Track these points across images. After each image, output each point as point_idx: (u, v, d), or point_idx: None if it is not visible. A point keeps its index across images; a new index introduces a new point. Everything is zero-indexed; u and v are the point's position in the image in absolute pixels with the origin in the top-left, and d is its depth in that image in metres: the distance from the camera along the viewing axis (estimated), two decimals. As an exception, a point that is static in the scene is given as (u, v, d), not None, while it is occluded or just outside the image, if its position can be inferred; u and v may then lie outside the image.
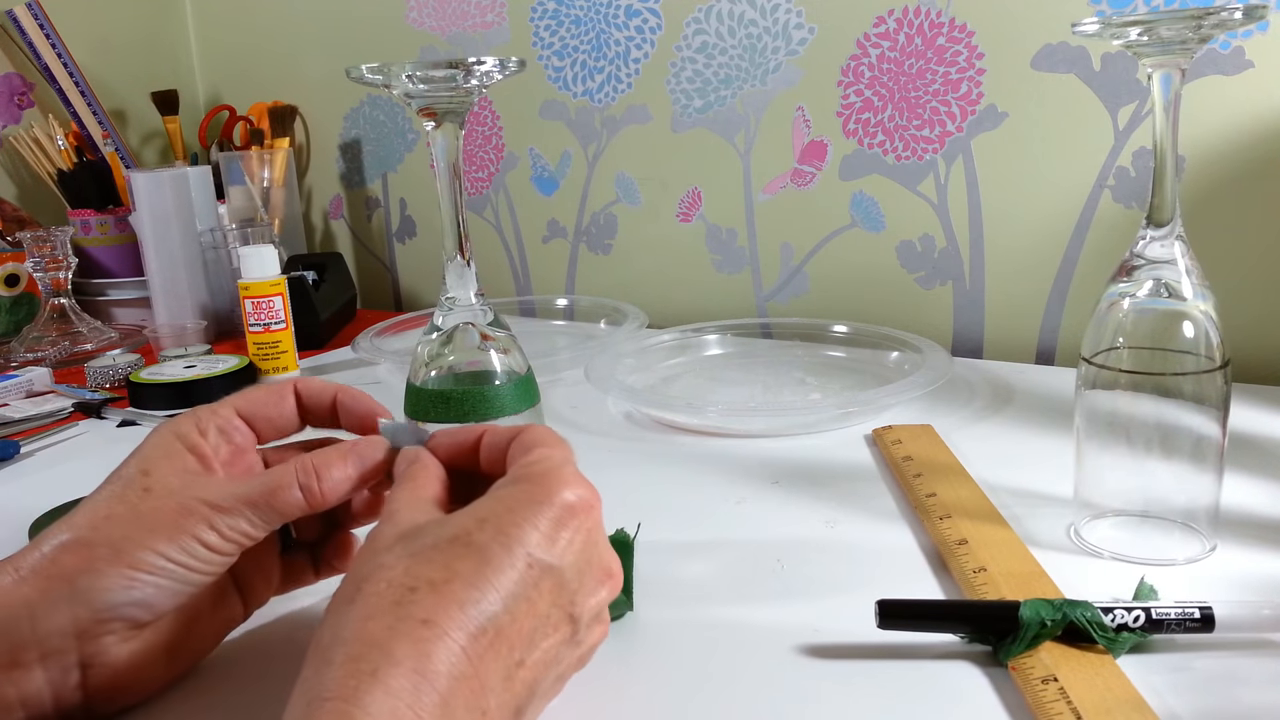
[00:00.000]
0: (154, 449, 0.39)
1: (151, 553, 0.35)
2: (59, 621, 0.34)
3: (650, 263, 1.08)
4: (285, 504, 0.38)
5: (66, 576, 0.34)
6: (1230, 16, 0.41)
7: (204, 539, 0.36)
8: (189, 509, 0.36)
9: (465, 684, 0.29)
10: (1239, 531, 0.49)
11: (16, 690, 0.34)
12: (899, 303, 0.93)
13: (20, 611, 0.34)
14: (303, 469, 0.38)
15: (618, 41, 1.03)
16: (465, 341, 0.46)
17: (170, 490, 0.37)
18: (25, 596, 0.34)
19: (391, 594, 0.30)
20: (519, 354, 0.47)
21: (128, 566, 0.35)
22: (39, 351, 0.99)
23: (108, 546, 0.35)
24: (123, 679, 0.36)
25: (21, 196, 1.26)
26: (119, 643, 0.35)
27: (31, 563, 0.35)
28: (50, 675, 0.34)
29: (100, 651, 0.35)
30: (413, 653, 0.29)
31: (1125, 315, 0.46)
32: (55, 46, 1.21)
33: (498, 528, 0.32)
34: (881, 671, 0.40)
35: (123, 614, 0.35)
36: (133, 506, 0.36)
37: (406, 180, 1.26)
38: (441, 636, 0.29)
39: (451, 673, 0.29)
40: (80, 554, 0.35)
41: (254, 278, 0.87)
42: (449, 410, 0.44)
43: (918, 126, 0.88)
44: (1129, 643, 0.39)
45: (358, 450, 0.39)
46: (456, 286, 0.46)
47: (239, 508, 0.37)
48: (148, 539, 0.35)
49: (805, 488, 0.59)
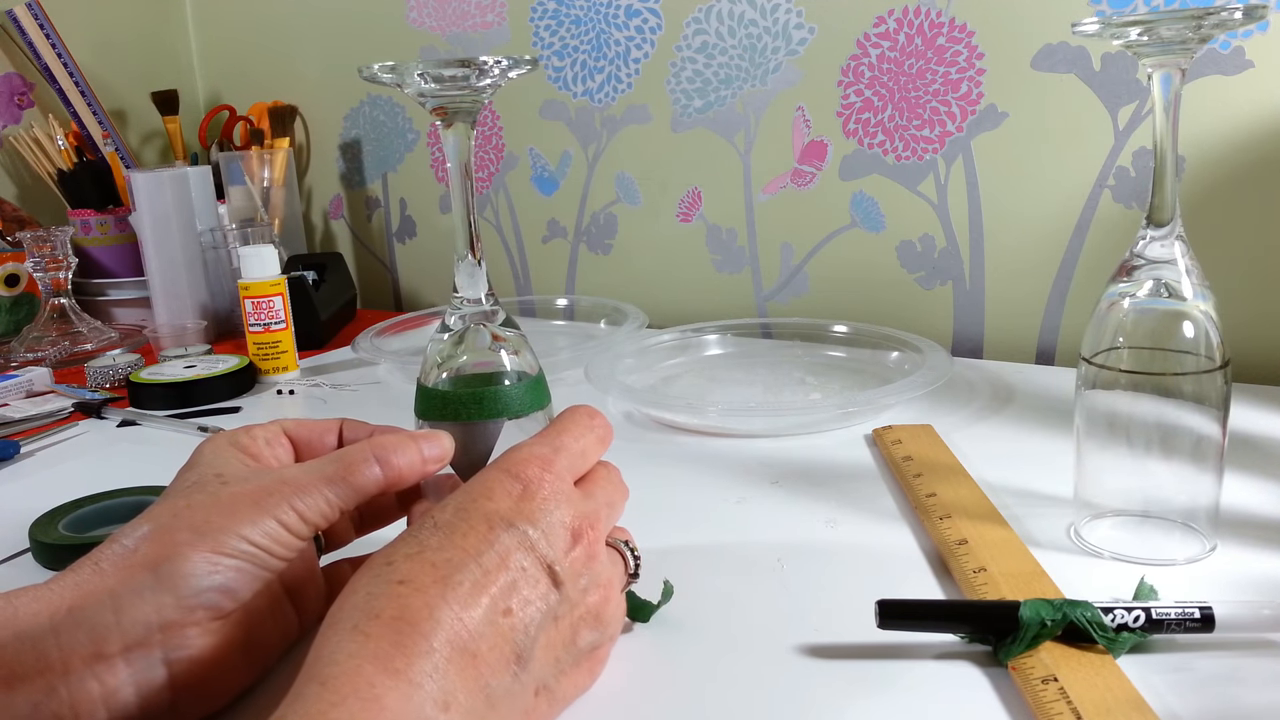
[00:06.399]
0: (214, 454, 0.40)
1: (234, 536, 0.36)
2: (143, 610, 0.34)
3: (650, 263, 1.08)
4: (363, 479, 0.39)
5: (149, 564, 0.35)
6: (1230, 16, 0.41)
7: (284, 519, 0.37)
8: (269, 489, 0.37)
9: (447, 626, 0.31)
10: (1239, 531, 0.49)
11: (100, 685, 0.33)
12: (899, 303, 0.93)
13: (103, 600, 0.34)
14: (377, 445, 0.39)
15: (618, 41, 1.03)
16: (477, 342, 0.46)
17: (246, 479, 0.38)
18: (108, 586, 0.34)
19: (372, 570, 0.33)
20: (530, 354, 0.46)
21: (211, 550, 0.35)
22: (39, 351, 0.99)
23: (190, 531, 0.35)
24: (207, 674, 0.35)
25: (21, 196, 1.26)
26: (201, 635, 0.35)
27: (112, 555, 0.35)
28: (134, 670, 0.34)
29: (184, 644, 0.35)
30: (392, 606, 0.31)
31: (1125, 315, 0.46)
32: (55, 46, 1.21)
33: (458, 505, 0.36)
34: (881, 671, 0.40)
35: (206, 600, 0.35)
36: (213, 495, 0.37)
37: (406, 180, 1.26)
38: (418, 591, 0.32)
39: (432, 618, 0.31)
40: (163, 541, 0.35)
41: (254, 278, 0.87)
42: (460, 411, 0.44)
43: (918, 126, 0.88)
44: (1129, 643, 0.39)
45: (426, 437, 0.41)
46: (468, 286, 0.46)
47: (317, 485, 0.38)
48: (230, 522, 0.36)
49: (805, 488, 0.59)
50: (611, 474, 0.42)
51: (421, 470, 0.40)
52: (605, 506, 0.39)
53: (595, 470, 0.41)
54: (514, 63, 0.42)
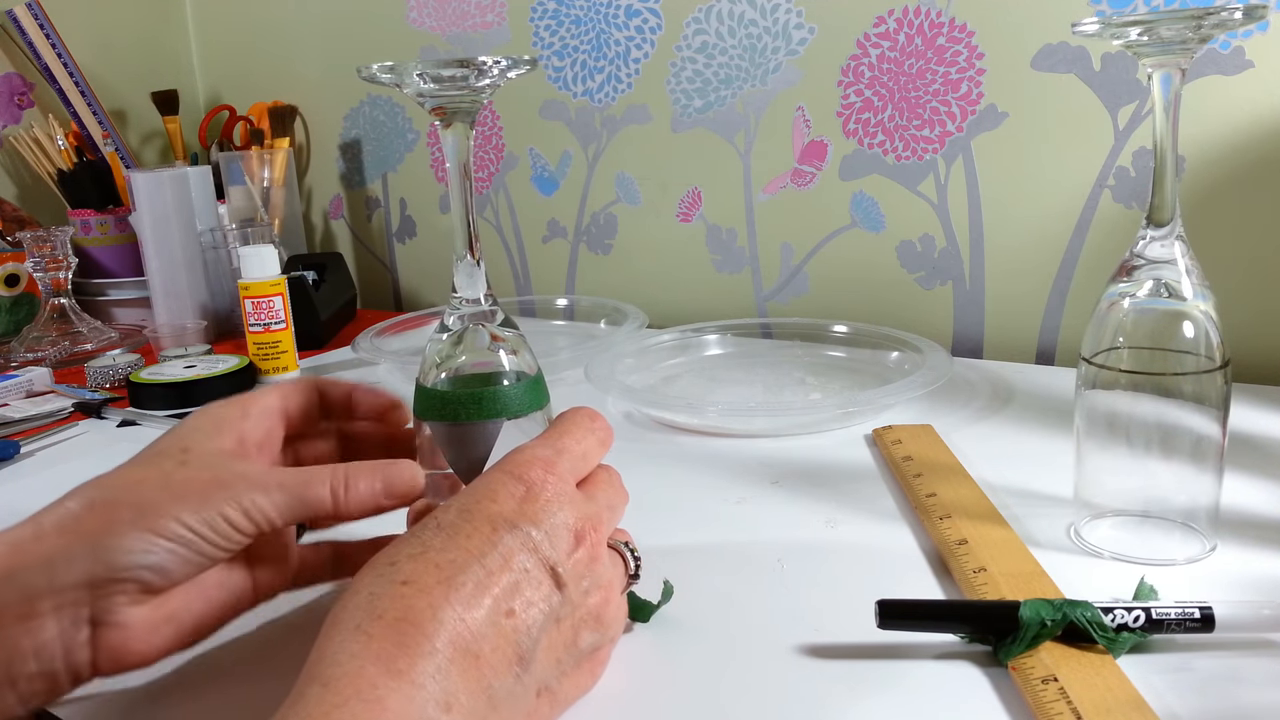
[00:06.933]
0: (196, 429, 0.41)
1: (174, 521, 0.36)
2: (75, 575, 0.35)
3: (650, 263, 1.08)
4: (314, 499, 0.39)
5: (88, 534, 0.36)
6: (1230, 16, 0.41)
7: (228, 514, 0.37)
8: (222, 482, 0.38)
9: (450, 627, 0.31)
10: (1239, 531, 0.49)
11: (31, 640, 0.35)
12: (899, 303, 0.93)
13: (39, 565, 0.35)
14: (336, 474, 0.40)
15: (618, 41, 1.03)
16: (475, 342, 0.46)
17: (206, 465, 0.39)
18: (45, 551, 0.35)
19: (375, 570, 0.33)
20: (529, 354, 0.46)
21: (148, 530, 0.36)
22: (39, 351, 0.99)
23: (133, 509, 0.36)
24: (130, 641, 0.37)
25: (21, 196, 1.26)
26: (129, 604, 0.36)
27: (56, 518, 0.37)
28: (62, 627, 0.35)
29: (111, 609, 0.36)
30: (395, 606, 0.31)
31: (1125, 315, 0.46)
32: (55, 46, 1.21)
33: (461, 506, 0.36)
34: (881, 671, 0.40)
35: (136, 575, 0.36)
36: (166, 474, 0.38)
37: (406, 180, 1.26)
38: (421, 591, 0.32)
39: (435, 619, 0.31)
40: (105, 513, 0.36)
41: (254, 278, 0.87)
42: (459, 412, 0.44)
43: (918, 126, 0.88)
44: (1129, 643, 0.39)
45: (387, 472, 0.41)
46: (466, 287, 0.46)
47: (269, 490, 0.38)
48: (173, 507, 0.37)
49: (805, 488, 0.59)
50: (612, 477, 0.42)
51: (375, 507, 0.41)
52: (607, 509, 0.40)
53: (596, 473, 0.41)
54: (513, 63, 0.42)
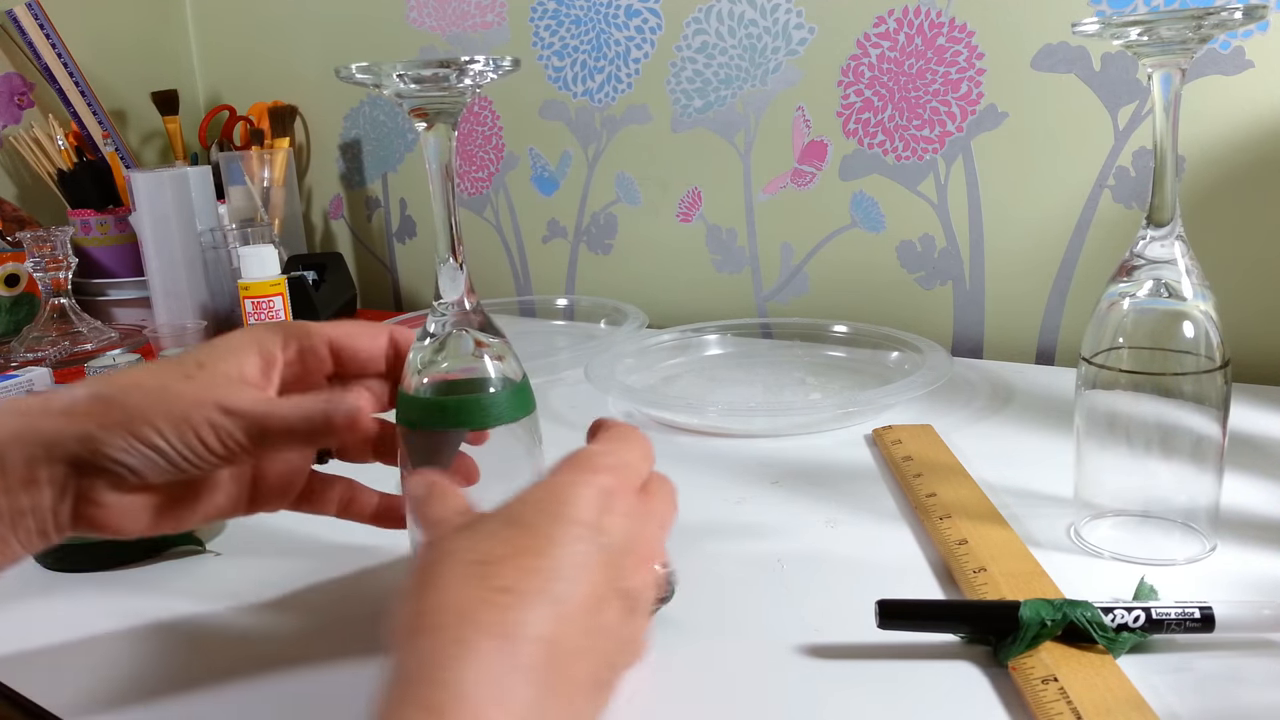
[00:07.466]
0: (226, 346, 0.42)
1: (153, 430, 0.38)
2: (64, 455, 0.38)
3: (650, 263, 1.08)
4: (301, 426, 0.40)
5: (82, 423, 0.38)
6: (1230, 16, 0.41)
7: (202, 435, 0.38)
8: (201, 402, 0.39)
9: (546, 647, 0.30)
10: (1239, 531, 0.49)
11: (30, 499, 0.38)
12: (899, 303, 0.93)
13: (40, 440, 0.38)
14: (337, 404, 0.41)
15: (618, 41, 1.03)
16: (459, 348, 0.45)
17: (209, 384, 0.40)
18: (46, 427, 0.38)
19: (466, 570, 0.32)
20: (514, 360, 0.45)
21: (130, 434, 0.38)
22: (39, 351, 0.99)
23: (124, 411, 0.38)
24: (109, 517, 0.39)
25: (21, 196, 1.26)
26: (109, 489, 0.39)
27: (65, 401, 0.39)
28: (54, 494, 0.38)
29: (92, 489, 0.39)
30: (497, 619, 0.30)
31: (1125, 315, 0.46)
32: (55, 46, 1.21)
33: (549, 509, 0.34)
34: (881, 671, 0.40)
35: (113, 470, 0.38)
36: (163, 385, 0.39)
37: (406, 180, 1.26)
38: (520, 602, 0.31)
39: (532, 635, 0.30)
40: (102, 408, 0.38)
41: (254, 278, 0.87)
42: (443, 418, 0.43)
43: (918, 126, 0.88)
44: (1129, 643, 0.39)
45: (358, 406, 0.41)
46: (449, 290, 0.45)
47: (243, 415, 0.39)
48: (155, 417, 0.38)
49: (805, 488, 0.59)
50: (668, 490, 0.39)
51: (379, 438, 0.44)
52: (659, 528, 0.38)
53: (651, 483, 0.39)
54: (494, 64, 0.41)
